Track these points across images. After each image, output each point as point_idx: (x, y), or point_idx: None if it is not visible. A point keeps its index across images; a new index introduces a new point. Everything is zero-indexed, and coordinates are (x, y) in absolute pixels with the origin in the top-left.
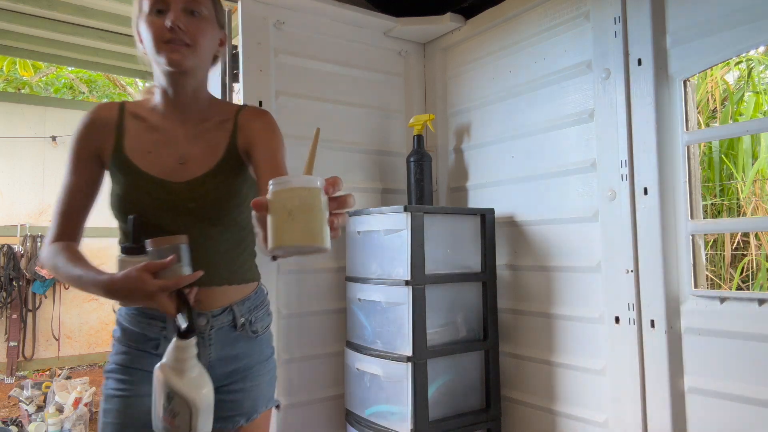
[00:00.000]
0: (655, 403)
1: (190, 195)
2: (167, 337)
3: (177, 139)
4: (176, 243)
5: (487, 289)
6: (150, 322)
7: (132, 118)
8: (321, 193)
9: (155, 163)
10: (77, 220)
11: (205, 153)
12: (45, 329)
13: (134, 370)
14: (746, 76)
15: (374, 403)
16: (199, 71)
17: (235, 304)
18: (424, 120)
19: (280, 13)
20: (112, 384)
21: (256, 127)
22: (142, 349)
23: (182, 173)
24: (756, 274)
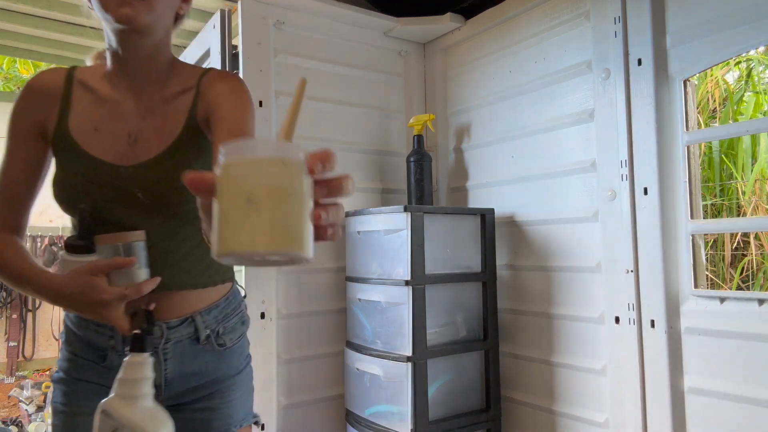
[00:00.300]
0: (655, 403)
1: (139, 182)
2: (116, 348)
3: (128, 113)
4: (130, 240)
5: (487, 289)
6: (98, 330)
7: (80, 88)
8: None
9: (102, 144)
10: (19, 208)
11: (161, 129)
12: (45, 329)
13: (79, 382)
14: (746, 76)
15: (374, 403)
16: (156, 30)
17: (198, 314)
18: (424, 120)
19: (280, 13)
20: (59, 396)
21: (218, 89)
22: (88, 358)
23: (132, 155)
24: (756, 274)
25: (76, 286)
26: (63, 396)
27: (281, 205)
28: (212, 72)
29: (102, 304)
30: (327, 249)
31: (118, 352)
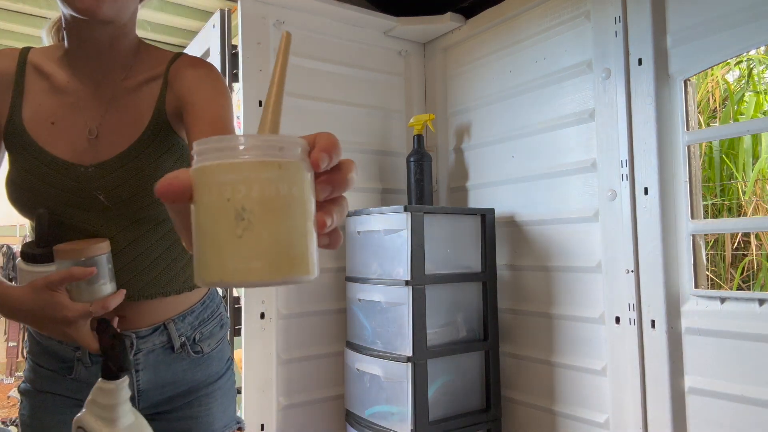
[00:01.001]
0: (655, 403)
1: (101, 183)
2: (83, 360)
3: (88, 104)
4: (93, 255)
5: (487, 289)
6: (62, 340)
7: (34, 73)
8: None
9: (60, 139)
10: None
11: (124, 124)
12: None
13: (44, 394)
14: (746, 76)
15: (374, 403)
16: (120, 18)
17: (171, 321)
18: (424, 120)
19: (280, 13)
20: (26, 408)
21: (189, 77)
22: (53, 369)
23: (93, 153)
24: (756, 274)
25: (34, 301)
26: (30, 409)
27: (280, 220)
28: (182, 58)
29: (65, 321)
30: (327, 249)
31: (86, 364)
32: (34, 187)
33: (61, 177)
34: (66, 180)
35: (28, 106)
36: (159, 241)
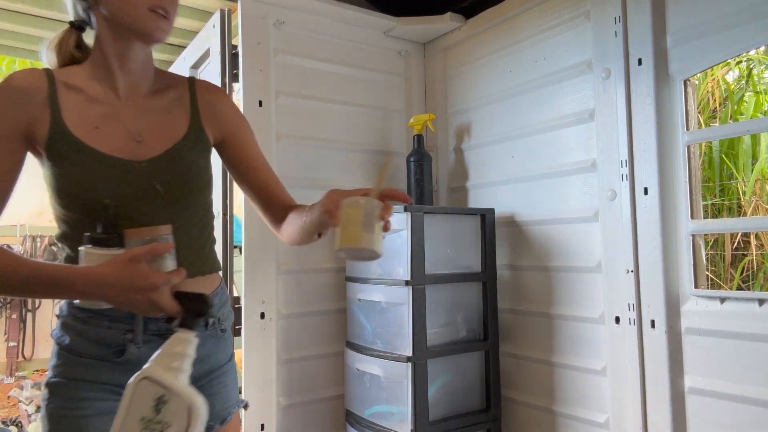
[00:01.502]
0: (655, 403)
1: (156, 175)
2: (134, 341)
3: (126, 113)
4: (160, 234)
5: (487, 289)
6: (111, 325)
7: (65, 88)
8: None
9: (107, 140)
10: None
11: (164, 128)
12: (45, 329)
13: (84, 383)
14: (746, 76)
15: (374, 403)
16: None
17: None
18: (424, 120)
19: (280, 13)
20: (60, 401)
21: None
22: (101, 357)
23: (141, 151)
24: (756, 274)
25: (119, 274)
26: (68, 400)
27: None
28: (202, 85)
29: (152, 288)
30: (327, 249)
31: (137, 344)
32: (93, 183)
33: (119, 172)
34: (124, 174)
35: (69, 115)
36: (194, 226)
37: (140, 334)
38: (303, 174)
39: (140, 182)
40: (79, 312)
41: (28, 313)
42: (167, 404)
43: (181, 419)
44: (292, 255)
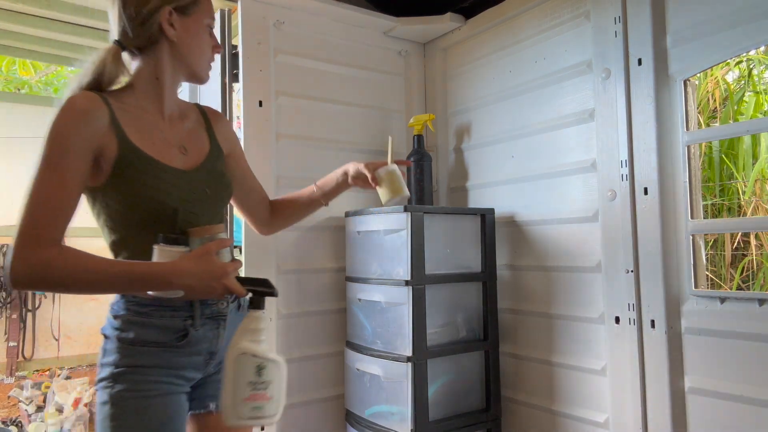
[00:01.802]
0: (655, 403)
1: (205, 181)
2: (193, 325)
3: (169, 130)
4: (217, 231)
5: (487, 289)
6: (174, 314)
7: (120, 111)
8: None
9: (164, 154)
10: (68, 221)
11: (196, 144)
12: (45, 329)
13: (149, 369)
14: (746, 76)
15: (374, 403)
16: None
17: None
18: (424, 120)
19: (280, 13)
20: (125, 386)
21: (231, 137)
22: (164, 343)
23: (188, 162)
24: (756, 274)
25: (198, 265)
26: (134, 383)
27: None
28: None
29: (225, 274)
30: (327, 249)
31: (196, 327)
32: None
33: (181, 180)
34: (185, 182)
35: (130, 132)
36: (223, 221)
37: (198, 319)
38: (303, 174)
39: (197, 188)
40: (141, 308)
41: (28, 313)
42: (266, 368)
43: (276, 375)
44: (292, 255)
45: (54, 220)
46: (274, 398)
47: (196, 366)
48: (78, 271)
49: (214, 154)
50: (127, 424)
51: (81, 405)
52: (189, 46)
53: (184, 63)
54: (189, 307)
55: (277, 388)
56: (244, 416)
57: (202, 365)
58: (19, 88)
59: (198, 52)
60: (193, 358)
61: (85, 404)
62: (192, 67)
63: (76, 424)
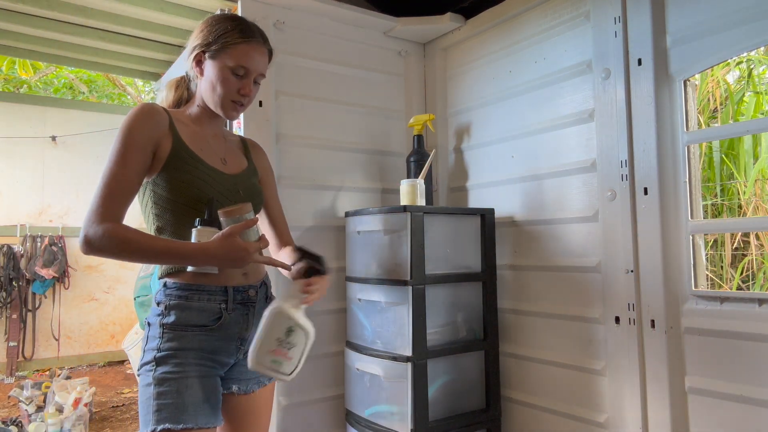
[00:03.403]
0: (655, 403)
1: (239, 184)
2: (227, 308)
3: (212, 144)
4: (245, 211)
5: (487, 289)
6: (210, 298)
7: (177, 122)
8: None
9: (208, 157)
10: (127, 205)
11: (235, 159)
12: (45, 329)
13: (189, 351)
14: (746, 76)
15: (374, 403)
16: None
17: (266, 278)
18: (424, 120)
19: (280, 13)
20: (167, 368)
21: (265, 165)
22: (203, 325)
23: (228, 169)
24: (756, 274)
25: (225, 245)
26: (175, 365)
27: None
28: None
29: (248, 253)
30: (327, 249)
31: (230, 311)
32: (204, 181)
33: (219, 177)
34: (222, 180)
35: (185, 137)
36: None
37: (231, 303)
38: (303, 174)
39: (230, 186)
40: (182, 292)
41: (28, 313)
42: (294, 332)
43: (302, 342)
44: None
45: (115, 202)
46: (293, 360)
47: (229, 351)
48: (130, 241)
49: (251, 171)
50: (169, 403)
51: (81, 405)
52: (213, 86)
53: (210, 101)
54: (224, 292)
55: (298, 353)
56: (264, 365)
57: (234, 351)
58: (18, 88)
59: (221, 93)
60: (226, 343)
61: (85, 404)
62: (215, 106)
63: (76, 424)
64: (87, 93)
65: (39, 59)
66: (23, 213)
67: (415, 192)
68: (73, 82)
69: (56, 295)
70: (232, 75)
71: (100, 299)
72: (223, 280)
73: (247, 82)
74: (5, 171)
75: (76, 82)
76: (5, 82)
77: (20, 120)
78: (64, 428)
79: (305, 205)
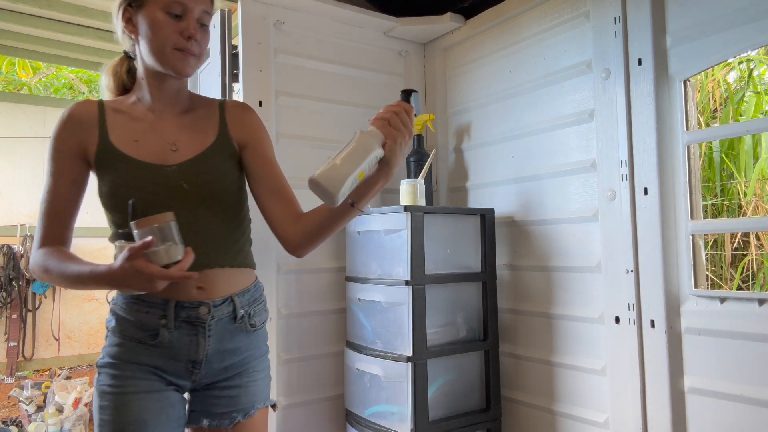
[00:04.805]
0: (655, 403)
1: (183, 176)
2: (167, 326)
3: (164, 128)
4: (162, 222)
5: (487, 289)
6: (149, 311)
7: (113, 112)
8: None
9: (144, 150)
10: (65, 223)
11: (195, 139)
12: (45, 329)
13: (128, 365)
14: (747, 76)
15: (374, 403)
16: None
17: (236, 295)
18: (424, 120)
19: (280, 13)
20: (106, 379)
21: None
22: (139, 339)
23: (174, 157)
24: (756, 274)
25: (123, 270)
26: (112, 378)
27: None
28: (232, 102)
29: (150, 282)
30: (327, 249)
31: (169, 329)
32: (130, 184)
33: (151, 174)
34: (155, 176)
35: (113, 132)
36: (224, 221)
37: (172, 320)
38: (303, 174)
39: (169, 182)
40: (123, 298)
41: (28, 313)
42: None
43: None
44: None
45: (53, 221)
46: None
47: (178, 372)
48: (48, 270)
49: (217, 147)
50: (108, 421)
51: (81, 405)
52: (149, 38)
53: (151, 58)
54: (164, 305)
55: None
56: (347, 189)
57: (184, 373)
58: (18, 89)
59: (159, 42)
60: (171, 362)
61: (86, 404)
62: (158, 60)
63: (76, 424)
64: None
65: (39, 59)
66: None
67: (415, 192)
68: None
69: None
70: (167, 17)
71: (100, 299)
72: (167, 292)
73: (188, 22)
74: (5, 171)
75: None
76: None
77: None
78: (64, 428)
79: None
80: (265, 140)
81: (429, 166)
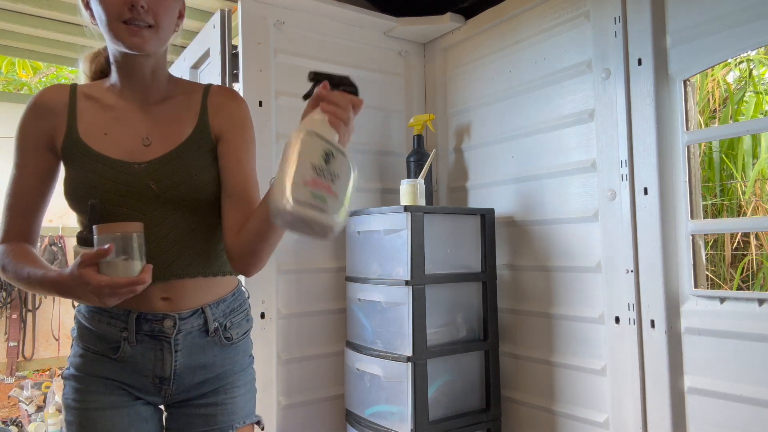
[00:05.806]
0: (655, 403)
1: (152, 176)
2: (128, 339)
3: (137, 119)
4: (126, 231)
5: (487, 289)
6: (111, 322)
7: (85, 99)
8: None
9: (113, 145)
10: (29, 219)
11: (170, 132)
12: (45, 329)
13: (90, 378)
14: (747, 76)
15: (374, 403)
16: (158, 51)
17: (208, 306)
18: (424, 120)
19: (280, 13)
20: (70, 392)
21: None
22: (100, 352)
23: (145, 154)
24: (756, 274)
25: (72, 278)
26: (75, 392)
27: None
28: (217, 88)
29: (94, 291)
30: (327, 249)
31: (131, 343)
32: (91, 183)
33: (117, 172)
34: (122, 174)
35: (82, 123)
36: (197, 225)
37: (133, 334)
38: None
39: (136, 182)
40: (85, 308)
41: (28, 313)
42: (334, 158)
43: (345, 174)
44: (292, 255)
45: (15, 215)
46: (339, 198)
47: (145, 389)
48: (5, 270)
49: (193, 142)
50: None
51: None
52: (98, 16)
53: (106, 38)
54: (125, 317)
55: (342, 188)
56: (302, 201)
57: (152, 389)
58: (18, 90)
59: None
60: (136, 377)
61: None
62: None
63: None
64: None
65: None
66: None
67: (415, 192)
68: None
69: None
70: None
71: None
72: (129, 302)
73: None
74: (5, 171)
75: None
76: (6, 84)
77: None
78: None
79: None
80: (241, 135)
81: (429, 166)
